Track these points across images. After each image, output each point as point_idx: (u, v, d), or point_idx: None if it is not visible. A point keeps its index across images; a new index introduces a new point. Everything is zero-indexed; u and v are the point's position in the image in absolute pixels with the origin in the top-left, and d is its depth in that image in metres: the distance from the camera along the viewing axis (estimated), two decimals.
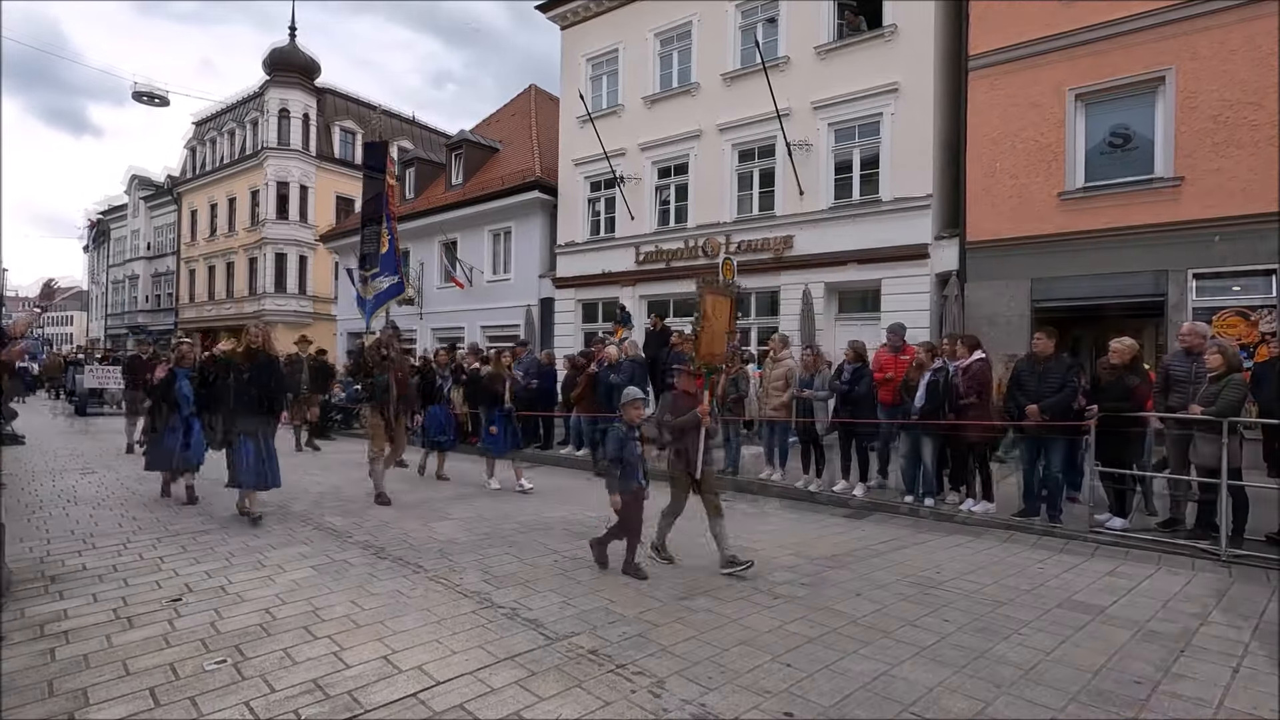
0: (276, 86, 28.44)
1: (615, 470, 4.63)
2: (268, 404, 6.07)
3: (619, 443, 4.67)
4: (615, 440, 4.68)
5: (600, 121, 15.56)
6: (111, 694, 2.85)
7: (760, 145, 13.64)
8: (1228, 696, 3.01)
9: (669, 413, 4.87)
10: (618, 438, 4.68)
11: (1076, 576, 4.78)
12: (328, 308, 28.18)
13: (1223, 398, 5.28)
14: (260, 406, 5.98)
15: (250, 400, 5.91)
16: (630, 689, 2.97)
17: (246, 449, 5.90)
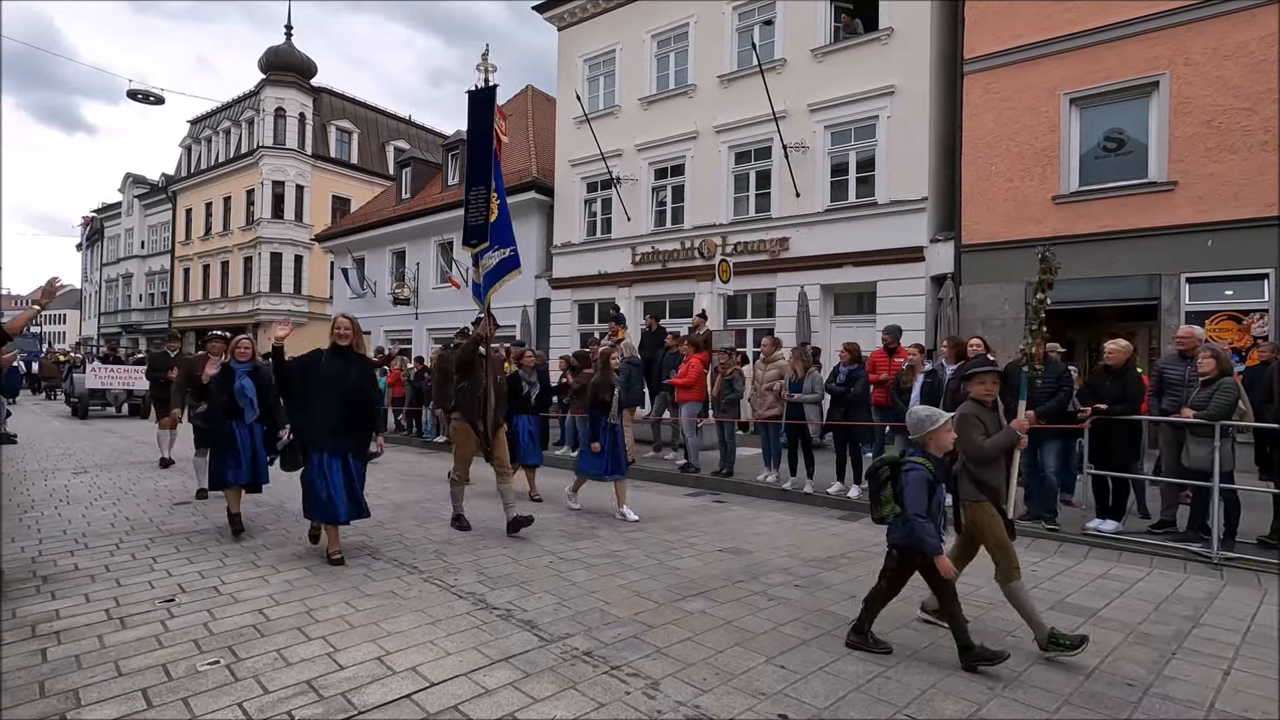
0: (272, 86, 28.39)
1: (928, 525, 3.26)
2: (365, 414, 4.95)
3: (926, 487, 3.30)
4: (921, 485, 3.29)
5: (597, 122, 15.57)
6: (104, 694, 2.84)
7: (757, 147, 13.66)
8: (1219, 699, 3.02)
9: (975, 430, 3.51)
10: (922, 482, 3.29)
11: (1069, 579, 4.80)
12: (323, 308, 28.13)
13: (1215, 401, 5.30)
14: (356, 417, 4.86)
15: (345, 408, 4.77)
16: (625, 690, 2.97)
17: (331, 470, 4.70)
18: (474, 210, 5.95)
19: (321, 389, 4.74)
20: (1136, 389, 5.98)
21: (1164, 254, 9.64)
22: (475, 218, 5.95)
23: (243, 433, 5.60)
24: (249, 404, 5.64)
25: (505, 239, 5.97)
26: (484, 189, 5.85)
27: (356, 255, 22.62)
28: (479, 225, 5.91)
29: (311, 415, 4.78)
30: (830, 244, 12.55)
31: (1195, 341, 5.93)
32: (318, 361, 4.80)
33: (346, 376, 4.78)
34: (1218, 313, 9.34)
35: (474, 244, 5.96)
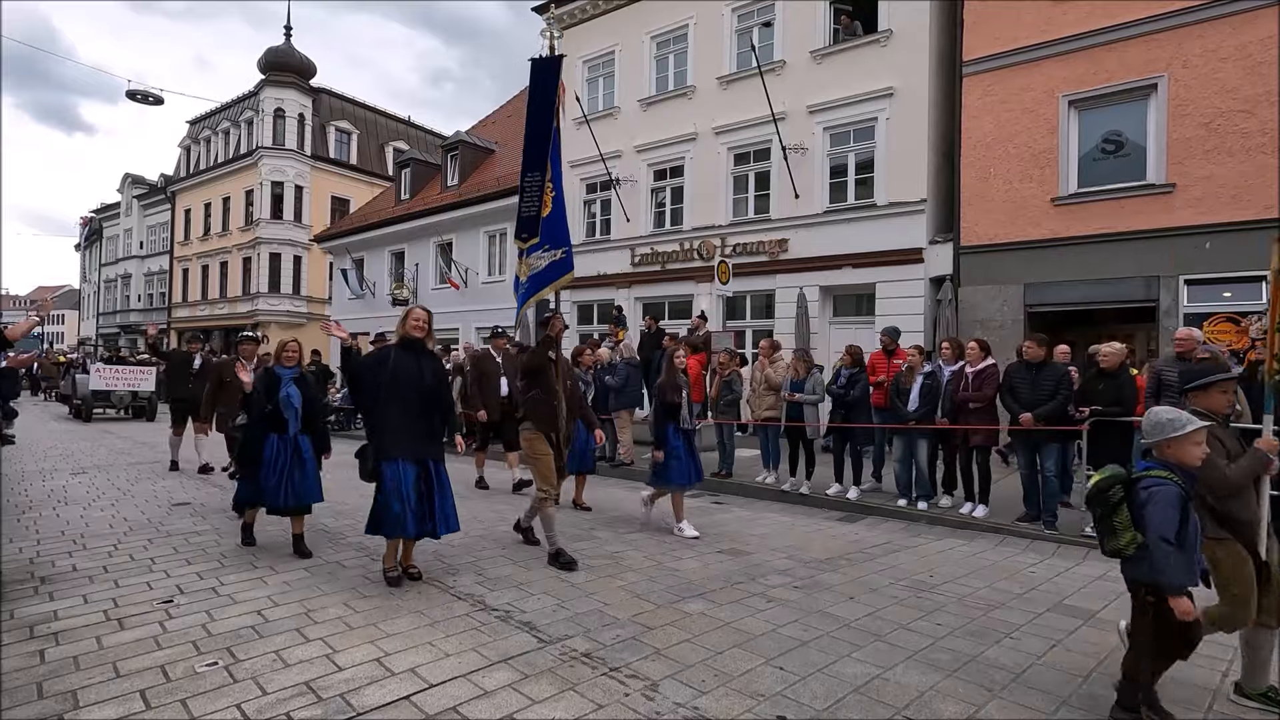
0: (272, 86, 28.39)
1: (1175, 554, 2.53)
2: (443, 416, 4.52)
3: (1179, 507, 2.56)
4: (1173, 504, 2.56)
5: (596, 123, 15.58)
6: (102, 695, 2.84)
7: (756, 148, 13.67)
8: (1217, 700, 3.03)
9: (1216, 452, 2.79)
10: (1174, 500, 2.56)
11: (1068, 580, 4.80)
12: (322, 309, 28.12)
13: None
14: (433, 419, 4.40)
15: (421, 410, 4.31)
16: (624, 692, 2.97)
17: (405, 481, 4.20)
18: (527, 199, 5.11)
19: (393, 390, 4.25)
20: (1131, 391, 5.99)
21: (1162, 256, 9.65)
22: (528, 208, 5.11)
23: (285, 447, 4.90)
24: (294, 415, 4.95)
25: (558, 238, 5.11)
26: (539, 176, 5.02)
27: (356, 256, 22.63)
28: (530, 217, 5.09)
29: (383, 421, 4.26)
30: (829, 245, 12.55)
31: (1194, 344, 5.95)
32: (387, 360, 4.31)
33: (421, 375, 4.31)
34: (1216, 314, 9.35)
35: (524, 238, 5.15)
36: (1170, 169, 9.64)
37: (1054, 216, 10.52)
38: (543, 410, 5.05)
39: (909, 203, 11.77)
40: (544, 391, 5.06)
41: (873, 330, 11.27)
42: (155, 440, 12.40)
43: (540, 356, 5.11)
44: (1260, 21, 9.09)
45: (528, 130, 5.21)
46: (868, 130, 12.34)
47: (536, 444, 5.06)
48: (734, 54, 14.04)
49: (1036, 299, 10.69)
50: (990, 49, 11.05)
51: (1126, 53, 9.97)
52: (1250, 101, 9.11)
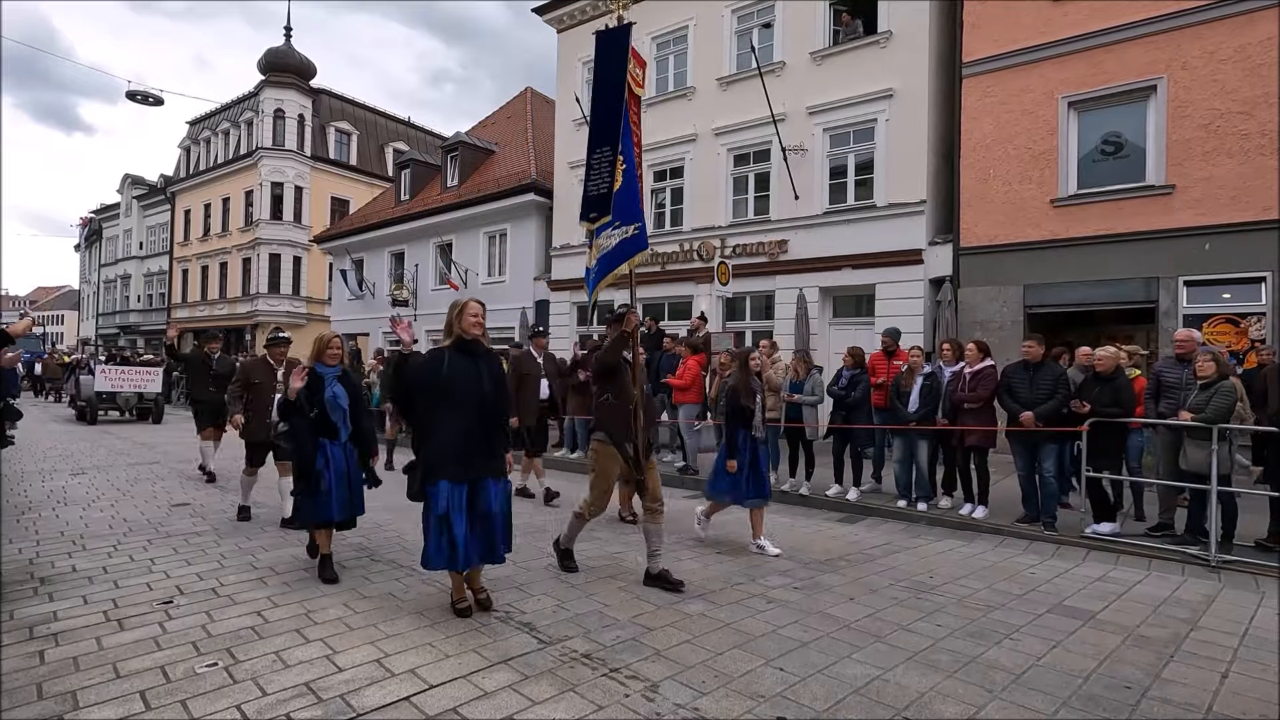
0: (272, 87, 28.39)
1: None
2: (501, 428, 3.93)
3: None
4: None
5: None
6: (101, 696, 2.84)
7: (755, 149, 13.68)
8: (1216, 702, 3.03)
9: None
10: None
11: (1068, 581, 4.80)
12: (321, 309, 28.12)
13: (1213, 404, 5.32)
14: (492, 432, 3.82)
15: (479, 422, 3.72)
16: (624, 693, 2.97)
17: (457, 504, 3.64)
18: (595, 176, 4.71)
19: (447, 399, 3.66)
20: (1128, 394, 6.00)
21: (1162, 257, 9.66)
22: (596, 186, 4.70)
23: (335, 455, 4.45)
24: (342, 417, 4.51)
25: (631, 213, 4.68)
26: (609, 151, 4.59)
27: (355, 257, 22.63)
28: (600, 195, 4.66)
29: (434, 434, 3.66)
30: (829, 246, 12.55)
31: (1194, 345, 5.96)
32: (441, 364, 3.69)
33: (479, 381, 3.72)
34: (1215, 315, 9.36)
35: (592, 218, 4.73)
36: (1170, 170, 9.65)
37: (1053, 218, 10.53)
38: (618, 417, 4.47)
39: (909, 204, 11.78)
40: (619, 396, 4.49)
41: (872, 331, 11.29)
42: (154, 441, 12.40)
43: (615, 354, 4.53)
44: (1260, 23, 9.11)
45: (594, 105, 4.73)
46: (867, 131, 12.35)
47: (606, 458, 4.50)
48: (734, 55, 14.05)
49: (1036, 300, 10.70)
50: (990, 50, 11.07)
51: (1126, 54, 9.98)
52: (1249, 103, 9.13)
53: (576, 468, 9.87)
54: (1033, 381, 6.26)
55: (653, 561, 4.52)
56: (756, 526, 5.45)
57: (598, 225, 4.74)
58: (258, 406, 6.17)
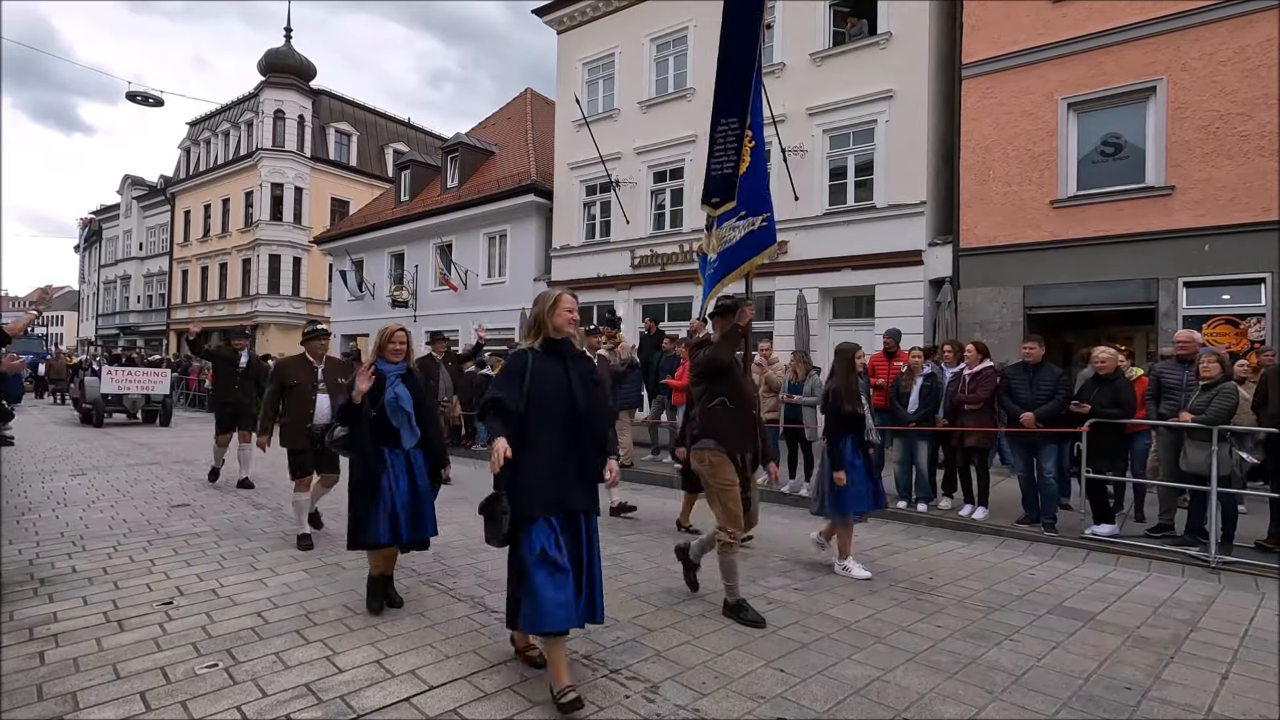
0: (272, 88, 28.42)
1: None
2: (600, 446, 3.14)
3: None
4: None
5: (596, 125, 15.59)
6: (102, 697, 2.84)
7: None
8: (1216, 703, 3.03)
9: None
10: None
11: (1068, 582, 4.80)
12: (321, 310, 28.11)
13: (1213, 406, 5.32)
14: (590, 451, 3.05)
15: (574, 438, 3.00)
16: (624, 694, 2.97)
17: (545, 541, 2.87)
18: (719, 153, 4.01)
19: (535, 412, 2.96)
20: (1128, 395, 6.00)
21: (1161, 258, 9.67)
22: (721, 164, 4.01)
23: (397, 464, 3.85)
24: (406, 421, 3.90)
25: (758, 202, 4.00)
26: (735, 123, 3.91)
27: (355, 257, 22.63)
28: (724, 176, 3.99)
29: (521, 458, 2.88)
30: (829, 247, 12.56)
31: (1195, 346, 5.96)
32: (524, 370, 2.99)
33: (570, 389, 3.01)
34: (1215, 316, 9.37)
35: (715, 203, 4.06)
36: (1169, 171, 9.66)
37: (1053, 219, 10.53)
38: (732, 423, 3.92)
39: (908, 205, 11.79)
40: (733, 399, 3.96)
41: (872, 332, 11.31)
42: (154, 441, 12.40)
43: (729, 352, 3.96)
44: (1259, 25, 9.12)
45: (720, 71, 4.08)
46: (867, 132, 12.36)
47: (722, 469, 3.89)
48: None
49: (1036, 301, 10.70)
50: (989, 52, 11.08)
51: (1125, 55, 9.99)
52: (1249, 104, 9.14)
53: None
54: (1033, 382, 6.27)
55: (730, 593, 3.94)
56: (844, 545, 4.90)
57: (720, 212, 4.03)
58: (296, 410, 5.45)
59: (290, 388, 5.52)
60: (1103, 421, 5.84)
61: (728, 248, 4.04)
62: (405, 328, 4.12)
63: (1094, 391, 6.01)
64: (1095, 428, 5.85)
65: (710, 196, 4.08)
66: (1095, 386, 6.04)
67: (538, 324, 3.12)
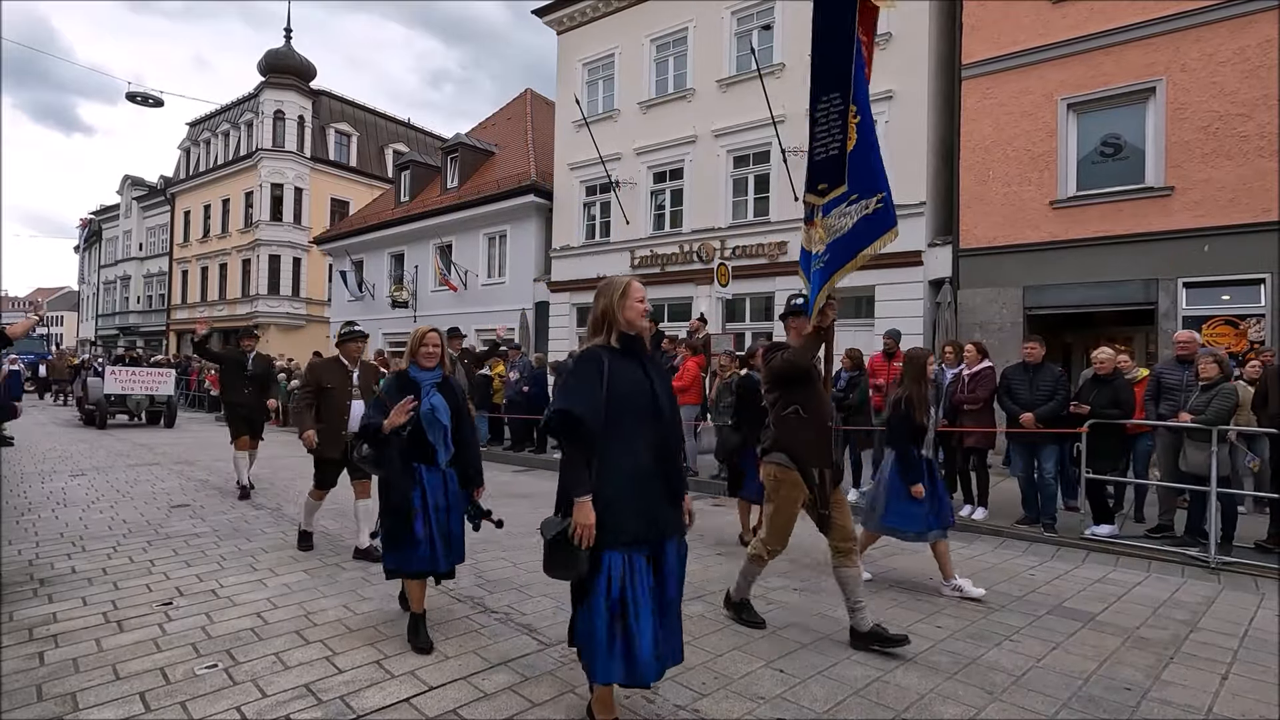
0: (271, 88, 28.41)
1: None
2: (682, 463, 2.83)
3: None
4: None
5: (596, 126, 15.60)
6: (101, 698, 2.83)
7: (755, 151, 13.69)
8: (1216, 703, 3.03)
9: None
10: None
11: (1067, 583, 4.80)
12: (321, 310, 28.13)
13: (1213, 406, 5.32)
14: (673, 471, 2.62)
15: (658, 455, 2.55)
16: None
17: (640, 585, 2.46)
18: (822, 134, 3.48)
19: (617, 425, 2.46)
20: (1127, 395, 6.00)
21: (1161, 259, 9.67)
22: (825, 146, 3.46)
23: (433, 485, 3.47)
24: (442, 436, 3.49)
25: (871, 182, 3.49)
26: (839, 98, 3.38)
27: (355, 258, 22.63)
28: (831, 158, 3.44)
29: (601, 473, 2.44)
30: None
31: (1195, 347, 5.97)
32: (600, 372, 2.49)
33: (653, 395, 2.56)
34: (1214, 317, 9.37)
35: (821, 189, 3.50)
36: (1169, 172, 9.66)
37: (1053, 219, 10.53)
38: (810, 436, 3.54)
39: (908, 205, 11.77)
40: (809, 409, 3.56)
41: (872, 333, 11.31)
42: (154, 442, 12.40)
43: (808, 356, 3.54)
44: (1258, 25, 9.13)
45: (816, 43, 3.55)
46: None
47: (790, 487, 3.56)
48: (734, 57, 14.06)
49: (1035, 302, 10.71)
50: (989, 52, 11.08)
51: (1124, 56, 10.00)
52: (1248, 105, 9.14)
53: None
54: (1032, 383, 6.27)
55: (858, 617, 3.52)
56: (944, 564, 4.48)
57: (827, 199, 3.50)
58: (330, 416, 5.07)
59: (324, 391, 5.11)
60: (1102, 422, 5.84)
61: (839, 238, 3.48)
62: (438, 329, 3.70)
63: (1093, 392, 6.01)
64: (1095, 428, 5.85)
65: (816, 183, 3.55)
66: (1095, 387, 6.04)
67: (605, 317, 2.60)
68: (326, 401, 5.11)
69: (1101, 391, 5.97)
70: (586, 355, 2.57)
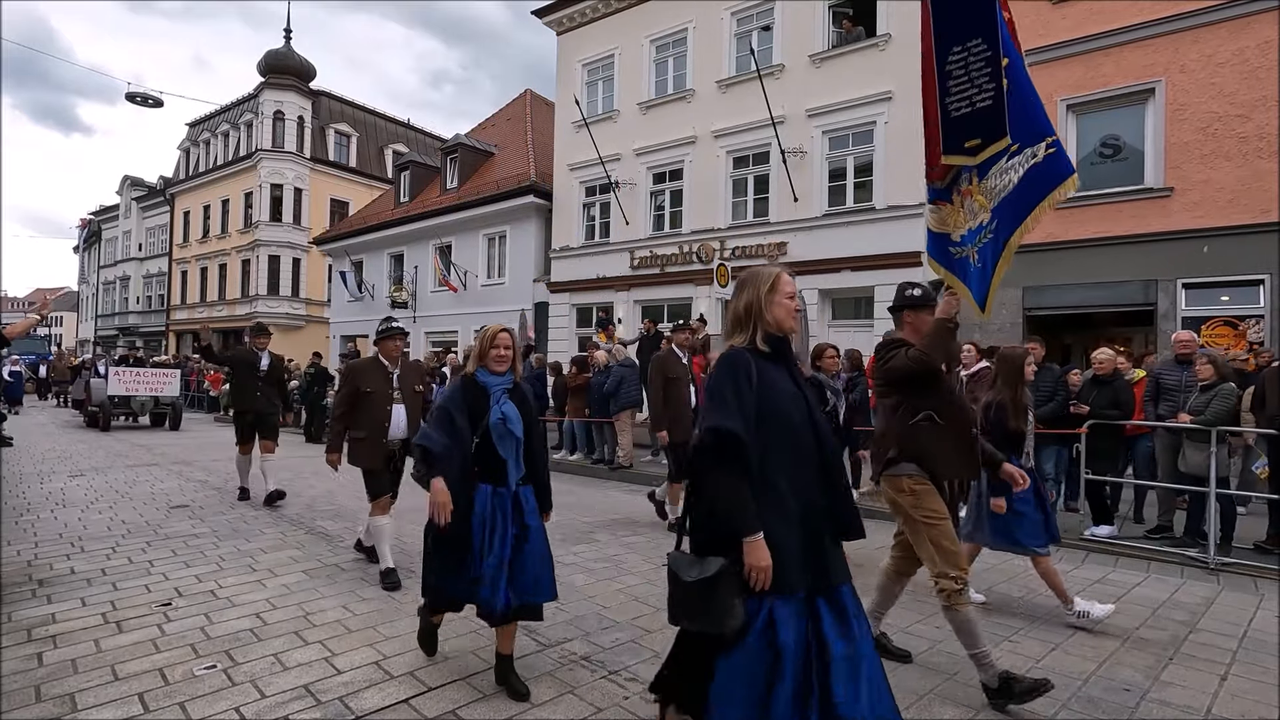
0: (271, 89, 28.41)
1: None
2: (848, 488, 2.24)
3: None
4: None
5: (595, 127, 15.60)
6: (100, 699, 2.83)
7: (755, 151, 13.70)
8: (1215, 704, 3.03)
9: None
10: None
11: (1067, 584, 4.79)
12: (320, 311, 28.11)
13: (1213, 407, 5.33)
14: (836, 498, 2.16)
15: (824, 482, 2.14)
16: (623, 695, 2.97)
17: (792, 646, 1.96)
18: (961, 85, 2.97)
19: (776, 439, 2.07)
20: (1126, 396, 6.01)
21: (1160, 259, 9.68)
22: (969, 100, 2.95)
23: (502, 508, 2.95)
24: (514, 450, 3.00)
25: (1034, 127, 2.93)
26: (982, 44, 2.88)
27: (355, 258, 22.62)
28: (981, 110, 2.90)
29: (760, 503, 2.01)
30: (828, 248, 12.57)
31: (1194, 348, 5.98)
32: (747, 380, 2.08)
33: (810, 408, 2.17)
34: (1214, 318, 9.38)
35: (971, 147, 2.96)
36: (1168, 173, 9.67)
37: (1052, 220, 10.50)
38: (942, 443, 3.05)
39: (908, 206, 11.79)
40: (944, 413, 3.07)
41: (872, 334, 11.31)
42: (153, 443, 12.39)
43: (941, 351, 3.03)
44: (1257, 27, 9.14)
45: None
46: (866, 134, 12.38)
47: (928, 500, 3.02)
48: (733, 58, 14.07)
49: (1035, 302, 10.71)
50: None
51: (1124, 57, 10.01)
52: (1247, 106, 9.15)
53: (576, 468, 9.86)
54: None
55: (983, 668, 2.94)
56: (1057, 586, 3.94)
57: (982, 158, 2.95)
58: (370, 424, 4.58)
59: (364, 395, 4.59)
60: (1102, 423, 5.85)
61: (1005, 196, 2.92)
62: (510, 329, 3.23)
63: (1093, 393, 6.01)
64: (1094, 429, 5.86)
65: (963, 139, 2.98)
66: (1094, 388, 6.05)
67: (749, 314, 2.21)
68: (366, 407, 4.59)
69: (1101, 392, 5.98)
70: (734, 359, 2.14)
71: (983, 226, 2.95)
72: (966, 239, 3.01)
